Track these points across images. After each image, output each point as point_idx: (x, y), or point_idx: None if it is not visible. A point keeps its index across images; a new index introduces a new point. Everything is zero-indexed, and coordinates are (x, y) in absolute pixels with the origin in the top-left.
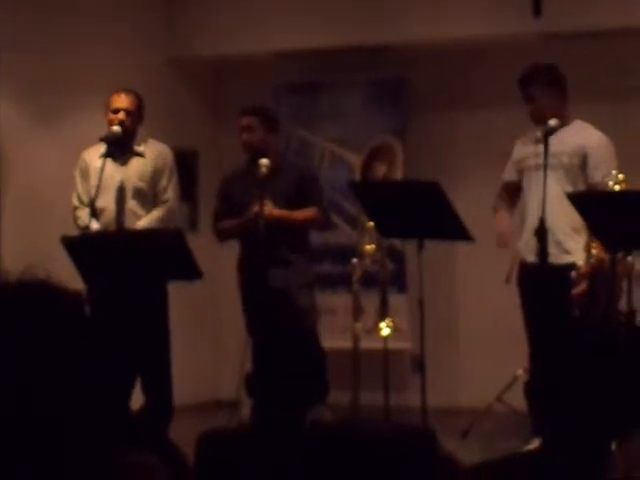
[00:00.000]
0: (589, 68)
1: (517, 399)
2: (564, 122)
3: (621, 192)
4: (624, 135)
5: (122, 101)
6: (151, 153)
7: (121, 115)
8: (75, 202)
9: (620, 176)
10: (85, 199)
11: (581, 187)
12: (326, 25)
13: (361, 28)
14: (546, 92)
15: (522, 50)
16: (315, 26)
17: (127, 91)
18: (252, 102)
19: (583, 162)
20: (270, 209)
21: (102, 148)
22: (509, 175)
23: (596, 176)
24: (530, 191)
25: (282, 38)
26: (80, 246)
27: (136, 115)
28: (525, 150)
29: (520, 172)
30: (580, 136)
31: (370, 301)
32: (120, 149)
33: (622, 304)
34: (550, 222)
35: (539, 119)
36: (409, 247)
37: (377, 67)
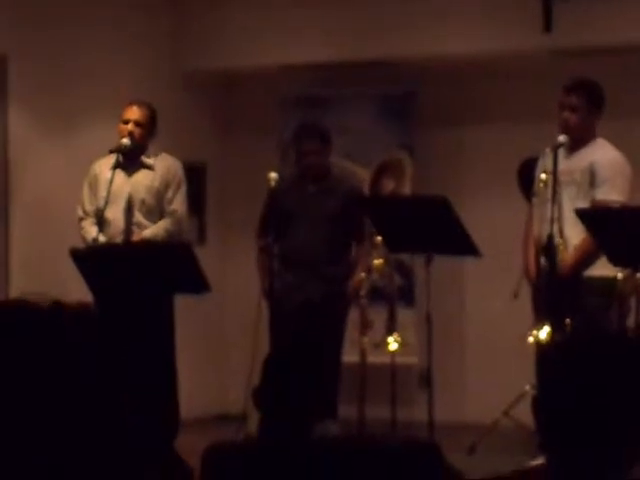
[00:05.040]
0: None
1: (524, 415)
2: (587, 140)
3: (628, 208)
4: (634, 152)
5: (133, 112)
6: (160, 167)
7: (130, 126)
8: (80, 213)
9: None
10: (90, 210)
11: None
12: (335, 39)
13: (370, 42)
14: (587, 106)
15: (532, 65)
16: (324, 40)
17: (140, 103)
18: (310, 122)
19: (592, 179)
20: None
21: (112, 159)
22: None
23: (598, 193)
24: (544, 207)
25: (291, 52)
26: (88, 258)
27: (147, 128)
28: (546, 164)
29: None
30: (594, 153)
31: (378, 315)
32: (129, 161)
33: (630, 321)
34: (562, 238)
35: (567, 130)
36: (417, 262)
37: (386, 82)
